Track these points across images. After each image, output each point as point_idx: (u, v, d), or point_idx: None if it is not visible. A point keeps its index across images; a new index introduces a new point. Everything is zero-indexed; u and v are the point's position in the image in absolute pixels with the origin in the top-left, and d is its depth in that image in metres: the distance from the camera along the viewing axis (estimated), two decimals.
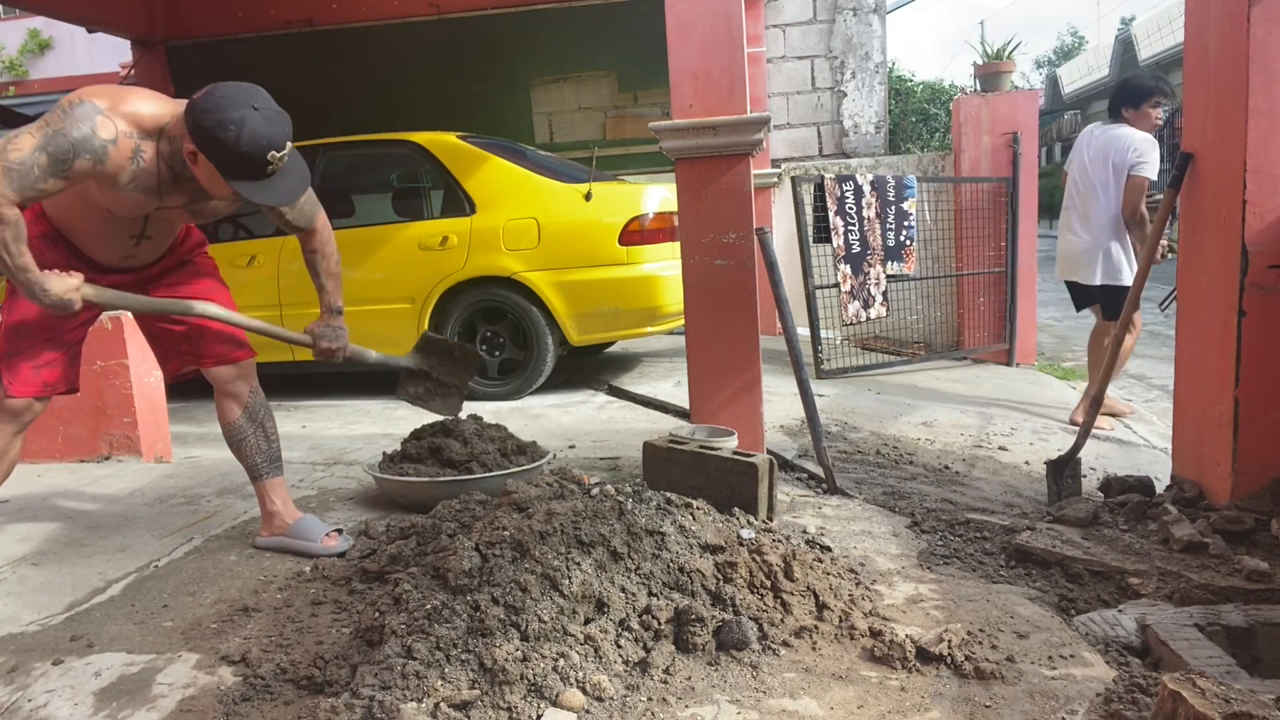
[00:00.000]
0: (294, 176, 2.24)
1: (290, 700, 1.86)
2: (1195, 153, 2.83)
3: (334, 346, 2.70)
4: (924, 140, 13.90)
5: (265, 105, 2.15)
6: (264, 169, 2.13)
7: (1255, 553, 2.39)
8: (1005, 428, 4.53)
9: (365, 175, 5.83)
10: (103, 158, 2.14)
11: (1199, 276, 2.84)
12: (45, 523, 3.11)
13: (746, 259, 3.00)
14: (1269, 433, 2.61)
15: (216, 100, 2.11)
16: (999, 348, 6.51)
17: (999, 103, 6.40)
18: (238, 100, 2.11)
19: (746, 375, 3.06)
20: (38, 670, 2.06)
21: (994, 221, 6.44)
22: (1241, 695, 1.35)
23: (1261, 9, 2.47)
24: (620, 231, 4.75)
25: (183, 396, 5.14)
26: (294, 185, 2.24)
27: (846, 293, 5.61)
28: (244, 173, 2.13)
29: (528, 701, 1.67)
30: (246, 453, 2.73)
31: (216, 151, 2.11)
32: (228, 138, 2.08)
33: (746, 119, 2.91)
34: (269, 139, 2.11)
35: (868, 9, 8.16)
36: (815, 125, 8.39)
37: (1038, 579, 2.38)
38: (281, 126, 2.15)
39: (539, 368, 4.94)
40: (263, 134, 2.10)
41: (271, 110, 2.16)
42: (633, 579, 1.98)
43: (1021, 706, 1.72)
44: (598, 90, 7.55)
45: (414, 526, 2.65)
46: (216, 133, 2.08)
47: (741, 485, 2.52)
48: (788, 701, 1.75)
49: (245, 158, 2.10)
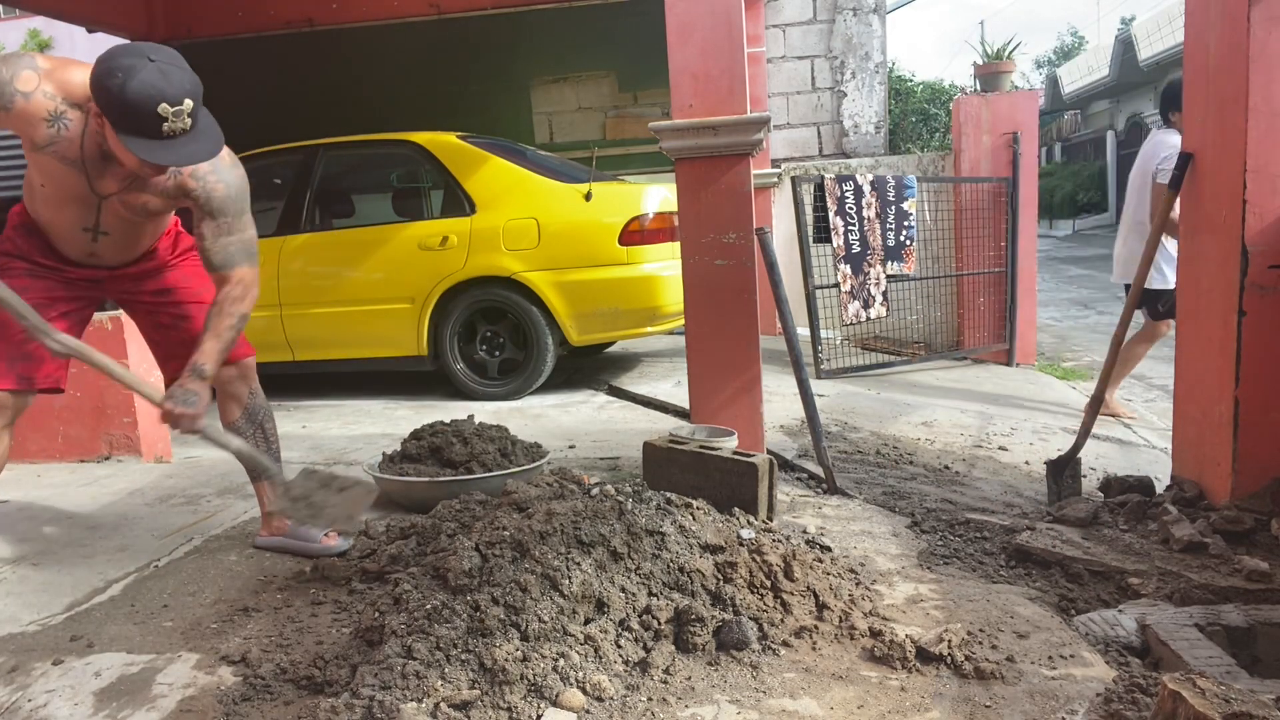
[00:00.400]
0: (199, 142, 2.07)
1: (290, 700, 1.86)
2: (1195, 153, 2.83)
3: (179, 411, 2.27)
4: (924, 140, 13.90)
5: (166, 59, 2.02)
6: (157, 125, 1.98)
7: (1255, 553, 2.39)
8: (1005, 428, 4.53)
9: (365, 175, 5.83)
10: (8, 105, 2.10)
11: (1199, 276, 2.84)
12: (45, 523, 3.11)
13: (746, 259, 3.00)
14: (1269, 433, 2.61)
15: (112, 50, 2.02)
16: (999, 348, 6.51)
17: (999, 103, 6.40)
18: (133, 51, 2.00)
19: (746, 375, 3.06)
20: (38, 670, 2.06)
21: (994, 221, 6.44)
22: (1241, 695, 1.35)
23: (1261, 9, 2.47)
24: (620, 231, 4.75)
25: None
26: (196, 151, 2.07)
27: (846, 293, 5.61)
28: (134, 127, 1.99)
29: (528, 701, 1.67)
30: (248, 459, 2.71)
31: (106, 102, 1.99)
32: (114, 85, 1.96)
33: (746, 119, 2.91)
34: (159, 90, 1.96)
35: (868, 9, 8.16)
36: (815, 125, 8.39)
37: (1038, 579, 2.38)
38: (179, 82, 2.01)
39: (539, 368, 4.94)
40: (153, 84, 1.96)
41: (172, 65, 2.02)
42: (633, 579, 1.98)
43: (1021, 706, 1.72)
44: (598, 90, 7.54)
45: (414, 526, 2.65)
46: (106, 80, 1.97)
47: (741, 485, 2.52)
48: (788, 701, 1.75)
49: (132, 107, 1.96)
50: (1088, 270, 14.46)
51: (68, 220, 2.37)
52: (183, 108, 2.01)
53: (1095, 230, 23.30)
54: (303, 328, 5.11)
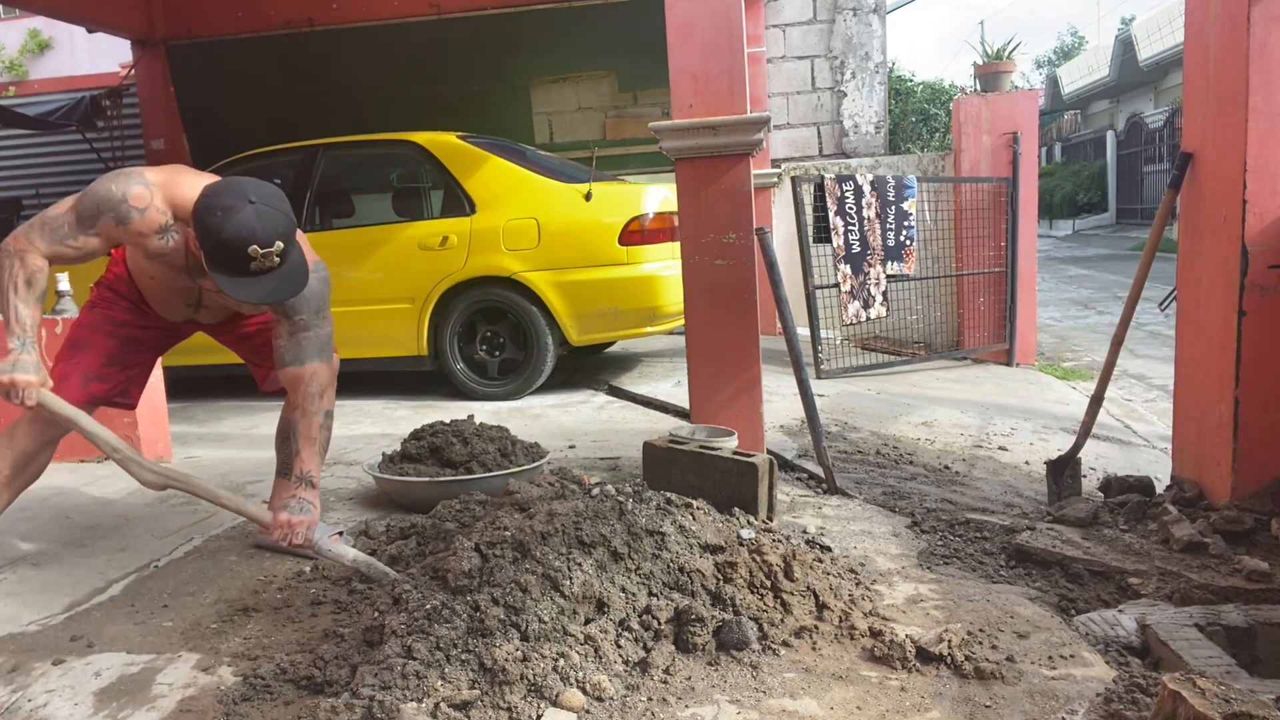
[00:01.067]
0: (282, 279, 2.13)
1: (290, 700, 1.86)
2: (1195, 153, 2.83)
3: (296, 521, 2.30)
4: (924, 140, 13.91)
5: (265, 200, 2.08)
6: (246, 263, 2.05)
7: (1255, 553, 2.39)
8: (1005, 428, 4.53)
9: (365, 175, 5.83)
10: (125, 219, 2.19)
11: (1199, 276, 2.84)
12: (45, 523, 3.11)
13: (746, 259, 3.00)
14: (1269, 433, 2.61)
15: (217, 186, 2.11)
16: (999, 348, 6.51)
17: (999, 103, 6.40)
18: (236, 190, 2.07)
19: (746, 375, 3.06)
20: (38, 670, 2.06)
21: (994, 221, 6.44)
22: (1241, 695, 1.35)
23: (1261, 9, 2.47)
24: (620, 231, 4.75)
25: (183, 396, 5.14)
26: (277, 288, 2.13)
27: (846, 293, 5.62)
28: (224, 264, 2.06)
29: (528, 701, 1.67)
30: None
31: (203, 236, 2.07)
32: (213, 223, 2.04)
33: (746, 119, 2.91)
34: (253, 233, 2.03)
35: (868, 9, 8.16)
36: (815, 125, 8.39)
37: (1038, 579, 2.38)
38: (275, 224, 2.07)
39: (539, 368, 4.94)
40: (248, 226, 2.02)
41: (270, 207, 2.08)
42: (633, 579, 1.98)
43: (1021, 706, 1.72)
44: (598, 90, 7.54)
45: (414, 526, 2.65)
46: (205, 216, 2.06)
47: (741, 485, 2.52)
48: (788, 701, 1.75)
49: (225, 247, 2.03)
50: (1088, 270, 14.46)
51: (170, 297, 2.52)
52: (272, 249, 2.07)
53: (1095, 230, 23.30)
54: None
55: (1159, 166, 20.55)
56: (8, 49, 15.10)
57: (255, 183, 2.12)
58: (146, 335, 2.61)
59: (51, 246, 2.20)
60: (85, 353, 2.50)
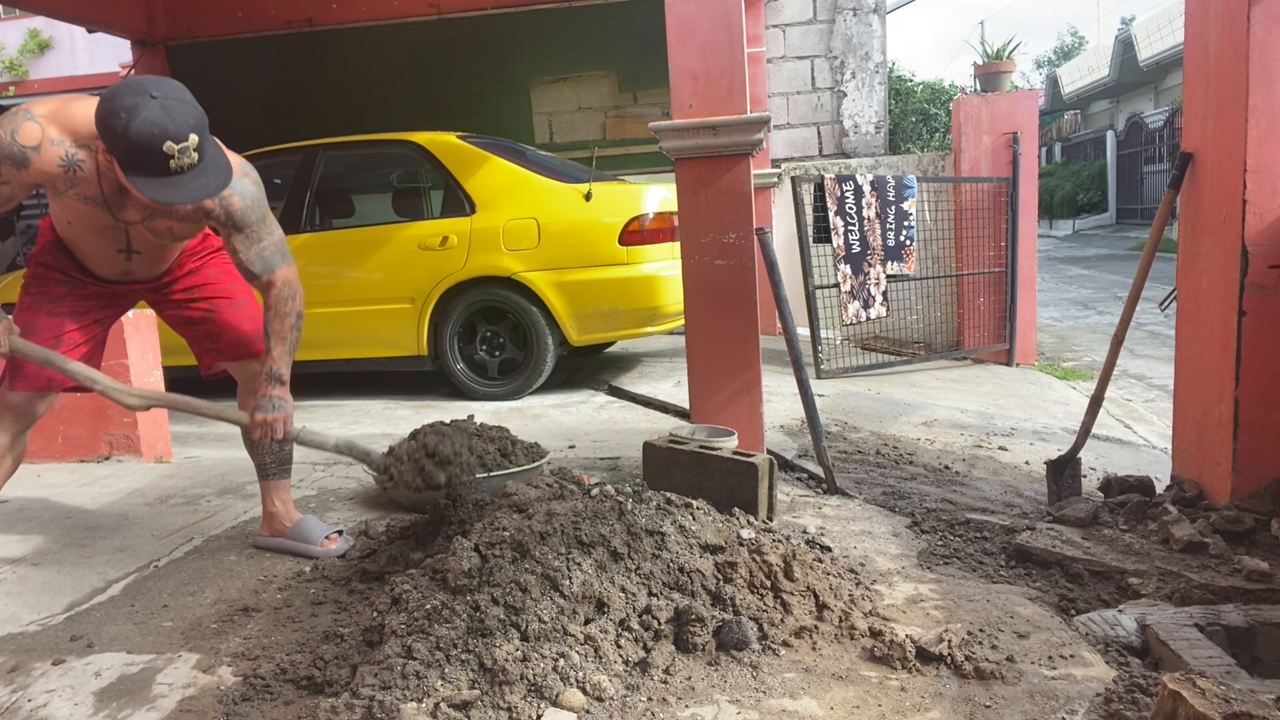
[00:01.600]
0: (207, 176, 2.05)
1: (290, 700, 1.86)
2: (1195, 153, 2.83)
3: (271, 418, 2.40)
4: (924, 140, 13.91)
5: (168, 94, 1.98)
6: (163, 163, 1.96)
7: (1255, 553, 2.39)
8: (1005, 428, 4.53)
9: (365, 175, 5.84)
10: (23, 163, 2.09)
11: (1199, 276, 2.84)
12: (45, 523, 3.11)
13: (746, 259, 3.00)
14: (1269, 433, 2.61)
15: (115, 88, 1.98)
16: (999, 348, 6.51)
17: (999, 103, 6.40)
18: (135, 88, 1.96)
19: (746, 375, 3.06)
20: (38, 670, 2.06)
21: (994, 221, 6.44)
22: (1241, 695, 1.35)
23: (1261, 9, 2.47)
24: (620, 231, 4.75)
25: None
26: (205, 185, 2.05)
27: (846, 293, 5.61)
28: (140, 166, 1.96)
29: (528, 701, 1.67)
30: (258, 451, 2.73)
31: (111, 143, 1.97)
32: (118, 125, 1.93)
33: (746, 119, 2.91)
34: (162, 128, 1.93)
35: (868, 9, 8.16)
36: (815, 125, 8.39)
37: (1038, 579, 2.38)
38: (184, 116, 1.97)
39: (539, 368, 4.94)
40: (156, 121, 1.93)
41: (175, 100, 1.98)
42: (633, 579, 1.98)
43: (1021, 706, 1.72)
44: (598, 90, 7.55)
45: (414, 526, 2.65)
46: (109, 121, 1.95)
47: (741, 485, 2.52)
48: (788, 701, 1.75)
49: (137, 147, 1.94)
50: (1088, 270, 14.46)
51: (100, 246, 2.41)
52: (188, 143, 1.98)
53: (1095, 230, 23.30)
54: (303, 328, 5.10)
55: (1159, 166, 20.55)
56: (8, 49, 15.10)
57: (153, 78, 2.01)
58: (88, 305, 2.49)
59: None
60: (31, 336, 2.39)
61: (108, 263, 2.46)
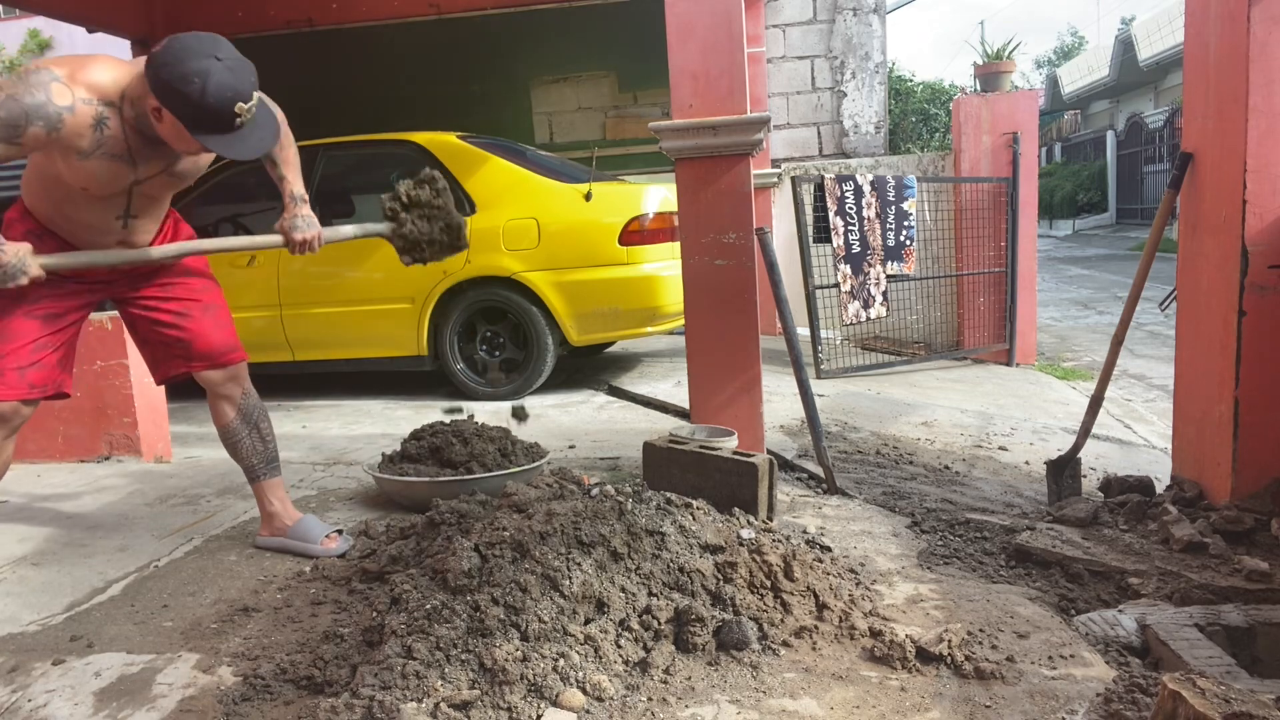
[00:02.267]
0: (263, 128, 2.17)
1: (290, 700, 1.86)
2: (1195, 153, 2.83)
3: (307, 236, 2.61)
4: (924, 140, 13.92)
5: (229, 55, 2.06)
6: (232, 121, 2.05)
7: (1255, 553, 2.39)
8: (1005, 428, 4.53)
9: (365, 175, 5.83)
10: (57, 125, 2.07)
11: (1199, 276, 2.84)
12: (45, 523, 3.11)
13: (746, 259, 3.00)
14: (1269, 433, 2.61)
15: (176, 52, 2.02)
16: (999, 348, 6.51)
17: (999, 103, 6.40)
18: (199, 50, 2.02)
19: (746, 375, 3.06)
20: (38, 670, 2.06)
21: (994, 221, 6.44)
22: (1241, 695, 1.35)
23: (1261, 9, 2.47)
24: (620, 231, 4.75)
25: (183, 397, 5.13)
26: (264, 137, 2.16)
27: (846, 293, 5.61)
28: (211, 126, 2.05)
29: (528, 701, 1.67)
30: (243, 455, 2.73)
31: (181, 106, 2.02)
32: (192, 91, 1.98)
33: (746, 119, 2.91)
34: (235, 90, 2.02)
35: (868, 9, 8.16)
36: (815, 125, 8.39)
37: (1038, 579, 2.38)
38: (247, 76, 2.07)
39: (539, 368, 4.94)
40: (228, 85, 2.01)
41: (235, 59, 2.07)
42: (633, 579, 1.98)
43: (1021, 706, 1.72)
44: (598, 90, 7.55)
45: (414, 526, 2.65)
46: (179, 86, 1.99)
47: (741, 485, 2.52)
48: (788, 701, 1.75)
49: (212, 111, 2.01)
50: (1088, 270, 14.46)
51: (100, 213, 2.37)
52: (253, 102, 2.09)
53: (1095, 230, 23.30)
54: (303, 328, 5.11)
55: (1159, 166, 20.55)
56: (8, 49, 15.10)
57: (203, 37, 2.06)
58: (65, 306, 2.44)
59: None
60: (8, 342, 2.33)
61: (104, 231, 2.41)
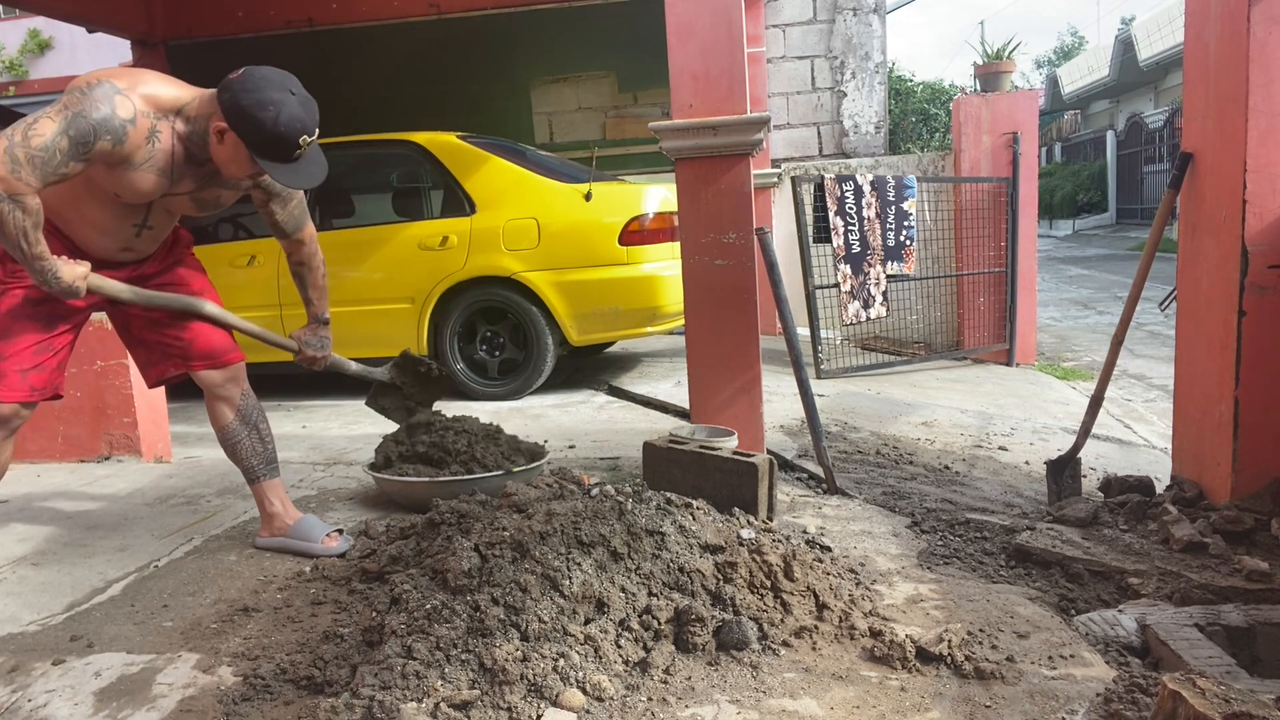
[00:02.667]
0: (316, 164, 2.31)
1: (290, 700, 1.86)
2: (1195, 153, 2.83)
3: (318, 355, 2.82)
4: (924, 140, 13.92)
5: (300, 91, 2.24)
6: (293, 152, 2.21)
7: (1255, 553, 2.39)
8: (1005, 428, 4.53)
9: (365, 175, 5.83)
10: (122, 138, 2.15)
11: (1199, 276, 2.84)
12: (45, 523, 3.11)
13: (746, 259, 3.00)
14: (1269, 433, 2.61)
15: (256, 81, 2.19)
16: (999, 348, 6.51)
17: (999, 103, 6.40)
18: (277, 83, 2.20)
19: (746, 375, 3.06)
20: (38, 670, 2.06)
21: (994, 221, 6.44)
22: (1241, 695, 1.35)
23: (1261, 9, 2.47)
24: (620, 231, 4.75)
25: (183, 397, 5.13)
26: (315, 172, 2.30)
27: (846, 293, 5.61)
28: (275, 154, 2.20)
29: (528, 701, 1.67)
30: (242, 456, 2.73)
31: (252, 130, 2.17)
32: (266, 117, 2.15)
33: (746, 119, 2.91)
34: (303, 123, 2.19)
35: (868, 9, 8.16)
36: (815, 125, 8.39)
37: (1038, 579, 2.38)
38: (312, 112, 2.24)
39: (539, 368, 4.94)
40: (299, 117, 2.18)
41: (305, 96, 2.24)
42: (633, 579, 1.98)
43: (1021, 706, 1.72)
44: (598, 90, 7.55)
45: (414, 526, 2.65)
46: (255, 112, 2.15)
47: (741, 485, 2.52)
48: (788, 701, 1.75)
49: (280, 139, 2.17)
50: (1088, 270, 14.46)
51: (117, 218, 2.42)
52: (314, 136, 2.25)
53: (1095, 230, 23.30)
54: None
55: (1159, 166, 20.54)
56: (8, 49, 15.11)
57: (280, 72, 2.23)
58: (65, 310, 2.46)
59: (46, 181, 2.09)
60: (11, 343, 2.37)
61: (116, 237, 2.44)
